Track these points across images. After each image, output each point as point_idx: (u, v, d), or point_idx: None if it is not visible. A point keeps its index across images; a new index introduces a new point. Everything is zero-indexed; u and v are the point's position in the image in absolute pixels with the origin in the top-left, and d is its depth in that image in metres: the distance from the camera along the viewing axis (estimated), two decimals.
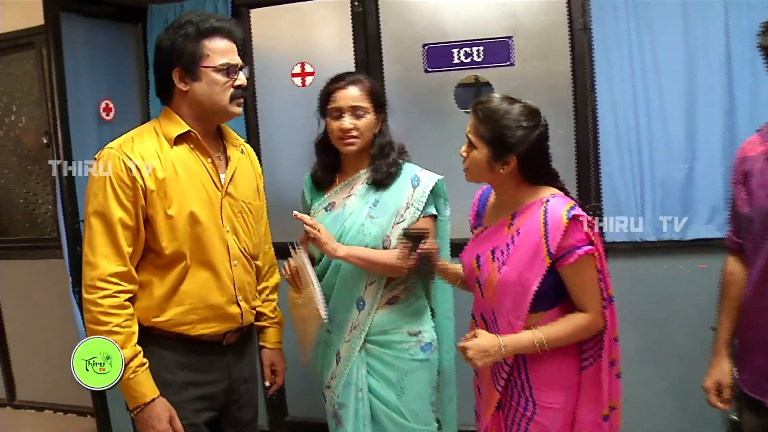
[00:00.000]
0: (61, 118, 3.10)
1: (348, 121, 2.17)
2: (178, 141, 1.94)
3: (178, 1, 3.46)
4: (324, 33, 3.49)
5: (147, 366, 1.86)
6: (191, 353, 1.97)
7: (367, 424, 2.21)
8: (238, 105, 1.98)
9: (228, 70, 1.92)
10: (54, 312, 3.59)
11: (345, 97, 2.18)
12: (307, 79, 3.45)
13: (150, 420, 1.84)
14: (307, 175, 2.37)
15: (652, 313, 3.02)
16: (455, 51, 3.23)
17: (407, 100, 3.34)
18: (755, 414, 1.89)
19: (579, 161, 3.09)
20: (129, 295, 1.87)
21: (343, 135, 2.18)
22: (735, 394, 1.99)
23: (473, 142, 1.86)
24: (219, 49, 1.91)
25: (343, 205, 2.23)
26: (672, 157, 2.94)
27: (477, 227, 2.07)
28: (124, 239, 1.84)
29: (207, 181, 1.96)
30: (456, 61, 3.24)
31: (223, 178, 2.01)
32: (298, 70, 3.47)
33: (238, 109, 1.99)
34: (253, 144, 3.47)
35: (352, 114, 2.18)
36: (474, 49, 3.20)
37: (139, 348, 1.85)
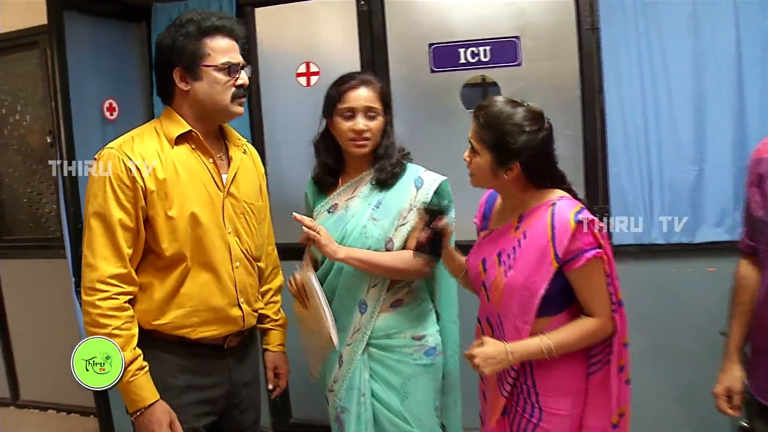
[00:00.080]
0: (64, 117, 3.08)
1: (362, 122, 2.14)
2: (179, 141, 1.92)
3: None
4: (329, 32, 3.47)
5: (147, 369, 1.84)
6: (192, 356, 1.95)
7: (369, 429, 2.18)
8: (240, 104, 1.95)
9: (229, 69, 1.90)
10: (58, 312, 3.57)
11: (358, 97, 2.15)
12: (312, 79, 3.43)
13: (150, 424, 1.82)
14: (310, 176, 2.34)
15: (660, 317, 2.99)
16: (462, 51, 3.20)
17: (413, 100, 3.33)
18: (766, 421, 1.86)
19: (587, 162, 3.06)
20: (129, 297, 1.85)
21: (356, 136, 2.14)
22: (745, 401, 1.95)
23: (476, 148, 1.83)
24: (220, 48, 1.89)
25: (346, 207, 2.20)
26: (681, 159, 2.91)
27: (483, 230, 2.04)
28: (123, 241, 1.82)
29: (208, 182, 1.94)
30: (462, 60, 3.22)
31: (225, 178, 1.98)
32: (303, 69, 3.45)
33: (240, 109, 1.96)
34: (258, 144, 3.47)
35: (365, 115, 2.15)
36: (481, 48, 3.18)
37: (139, 351, 1.83)
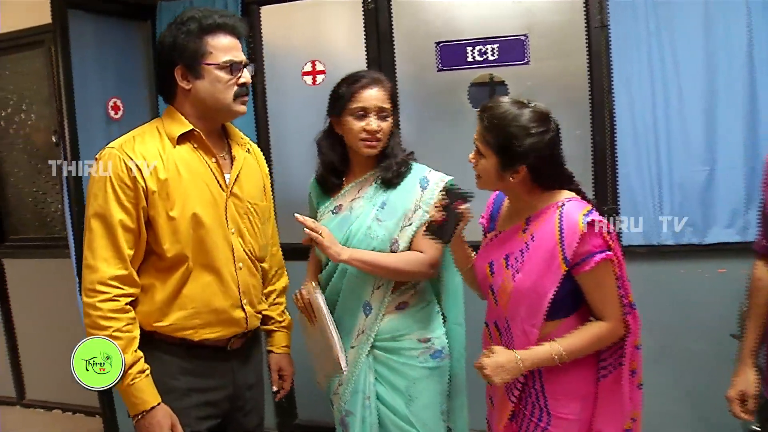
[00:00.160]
0: (68, 116, 3.07)
1: (375, 122, 2.11)
2: (182, 140, 1.89)
3: None
4: (335, 31, 3.46)
5: (148, 372, 1.82)
6: (194, 359, 1.92)
7: None
8: (243, 103, 1.93)
9: (231, 68, 1.87)
10: (63, 311, 3.57)
11: (370, 97, 2.12)
12: (318, 78, 3.43)
13: (151, 427, 1.80)
14: (313, 176, 2.31)
15: (669, 319, 2.95)
16: (469, 49, 3.18)
17: (420, 99, 3.31)
18: None
19: (595, 162, 3.03)
20: (130, 298, 1.83)
21: (369, 137, 2.11)
22: (760, 405, 1.92)
23: (481, 150, 1.80)
24: (222, 46, 1.86)
25: (350, 207, 2.18)
26: (691, 159, 2.87)
27: (490, 231, 2.01)
28: (124, 242, 1.80)
29: (211, 182, 1.91)
30: (470, 59, 3.19)
31: (227, 178, 1.95)
32: (309, 68, 3.44)
33: (243, 108, 1.93)
34: (263, 143, 3.48)
35: (377, 115, 2.12)
36: (488, 47, 3.15)
37: (140, 353, 1.81)
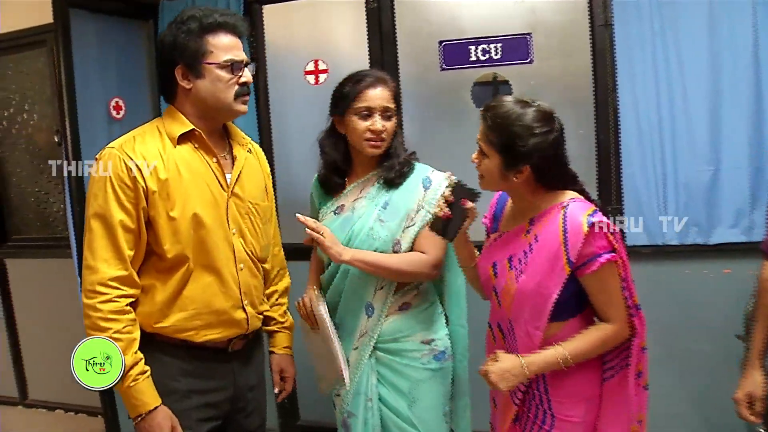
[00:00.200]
0: (69, 116, 3.07)
1: (379, 122, 2.09)
2: (182, 140, 1.88)
3: None
4: (338, 30, 3.45)
5: (148, 374, 1.81)
6: (195, 360, 1.91)
7: None
8: (244, 103, 1.91)
9: (232, 67, 1.85)
10: (66, 311, 3.56)
11: (376, 97, 2.10)
12: (321, 77, 3.42)
13: (151, 429, 1.79)
14: (315, 176, 2.30)
15: (674, 320, 2.93)
16: (472, 48, 3.17)
17: (423, 98, 3.30)
18: None
19: (600, 162, 3.02)
20: (130, 299, 1.82)
21: (374, 137, 2.10)
22: (767, 408, 1.90)
23: (484, 150, 1.78)
24: (223, 45, 1.85)
25: (352, 208, 2.16)
26: (696, 159, 2.85)
27: (493, 231, 1.99)
28: (125, 242, 1.79)
29: (212, 182, 1.90)
30: (473, 58, 3.18)
31: (229, 178, 1.94)
32: (311, 67, 3.43)
33: (244, 107, 1.92)
34: (266, 143, 3.47)
35: (382, 115, 2.11)
36: (492, 46, 3.14)
37: (140, 355, 1.80)
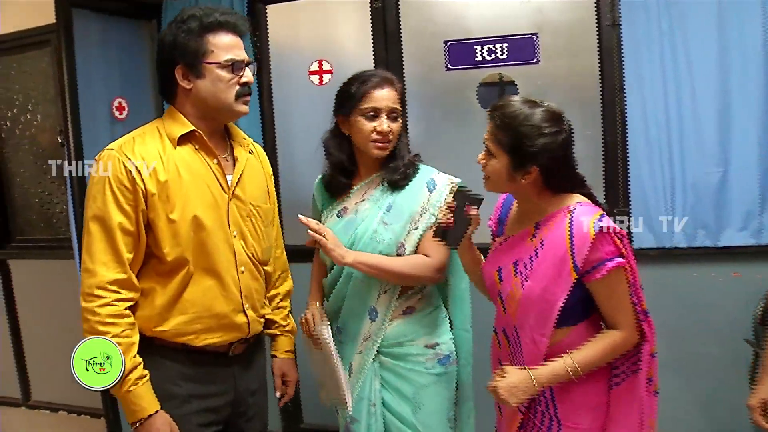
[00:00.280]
0: (72, 116, 3.05)
1: (386, 123, 2.07)
2: (182, 141, 1.86)
3: None
4: (342, 30, 3.43)
5: (147, 378, 1.79)
6: (195, 364, 1.89)
7: None
8: (245, 103, 1.88)
9: (233, 67, 1.83)
10: (69, 312, 3.50)
11: (382, 97, 2.08)
12: (325, 77, 3.40)
13: None
14: (318, 178, 2.28)
15: (682, 323, 2.90)
16: (478, 48, 3.14)
17: (428, 98, 3.28)
18: None
19: (606, 164, 2.99)
20: (129, 303, 1.80)
21: (380, 138, 2.07)
22: None
23: (491, 150, 1.75)
24: (223, 45, 1.82)
25: (356, 210, 2.14)
26: (704, 160, 2.82)
27: (499, 235, 1.96)
28: (123, 245, 1.76)
29: (213, 183, 1.88)
30: (479, 58, 3.15)
31: (230, 179, 1.92)
32: (315, 67, 3.42)
33: (245, 108, 1.89)
34: (269, 143, 3.47)
35: (389, 116, 2.08)
36: (498, 46, 3.12)
37: (139, 359, 1.78)
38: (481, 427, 2.28)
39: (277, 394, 2.20)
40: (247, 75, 1.86)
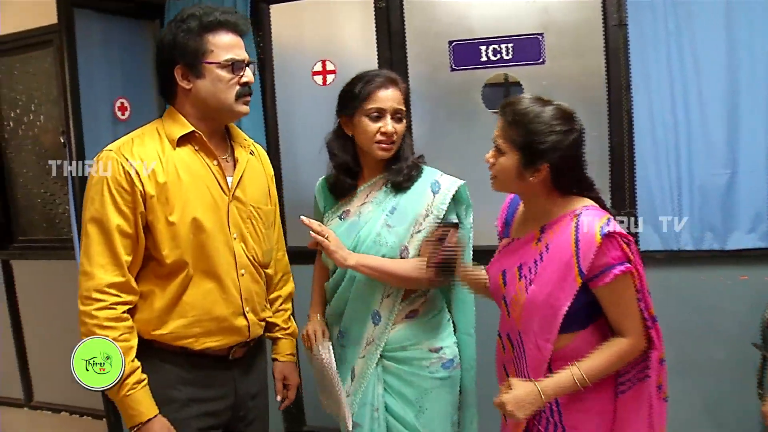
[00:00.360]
0: (74, 116, 3.04)
1: (391, 124, 2.05)
2: (182, 142, 1.84)
3: None
4: (346, 30, 3.42)
5: (146, 383, 1.77)
6: (195, 368, 1.87)
7: None
8: (245, 103, 1.86)
9: (233, 66, 1.81)
10: (71, 313, 3.47)
11: (387, 98, 2.05)
12: (329, 78, 3.39)
13: None
14: (320, 179, 2.25)
15: (688, 327, 2.88)
16: (483, 48, 3.12)
17: (432, 99, 3.27)
18: None
19: (613, 165, 2.96)
20: (127, 306, 1.78)
21: (385, 139, 2.05)
22: None
23: (501, 147, 1.72)
24: (223, 44, 1.80)
25: (359, 213, 2.11)
26: (712, 162, 2.79)
27: (504, 237, 1.93)
28: (122, 247, 1.74)
29: (213, 185, 1.86)
30: (484, 58, 3.13)
31: (230, 181, 1.90)
32: (319, 68, 3.40)
33: (245, 108, 1.87)
34: (272, 144, 3.46)
35: (393, 117, 2.06)
36: (503, 46, 3.09)
37: (137, 363, 1.76)
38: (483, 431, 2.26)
39: (278, 398, 2.18)
40: (248, 75, 1.84)
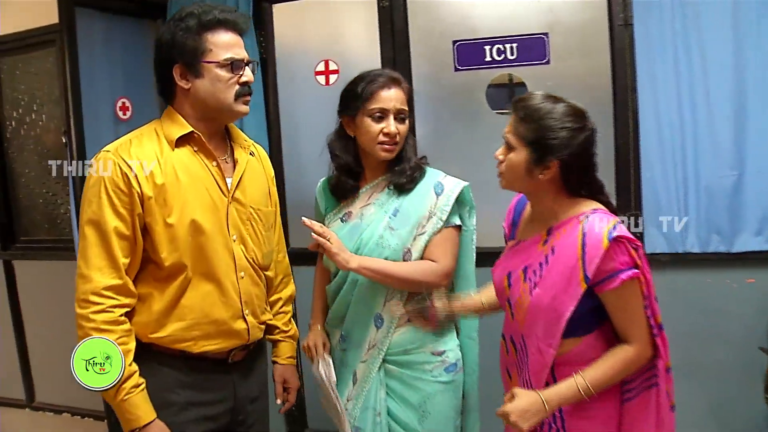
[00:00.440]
0: (75, 116, 3.03)
1: (394, 125, 2.02)
2: (181, 143, 1.81)
3: None
4: (349, 29, 3.40)
5: (143, 387, 1.75)
6: (193, 371, 1.84)
7: None
8: (245, 103, 1.84)
9: (232, 66, 1.78)
10: (74, 314, 3.51)
11: (390, 98, 2.03)
12: (331, 78, 3.37)
13: None
14: (321, 181, 2.23)
15: (694, 330, 2.85)
16: (487, 48, 3.10)
17: (436, 99, 3.24)
18: None
19: (618, 166, 2.93)
20: (125, 309, 1.75)
21: (388, 140, 2.03)
22: None
23: (512, 143, 1.70)
24: (223, 43, 1.78)
25: (361, 215, 2.09)
26: (719, 163, 2.76)
27: (511, 239, 1.91)
28: (119, 250, 1.72)
29: (212, 186, 1.83)
30: (488, 58, 3.11)
31: (229, 182, 1.87)
32: (321, 68, 3.39)
33: (245, 108, 1.84)
34: (275, 145, 3.45)
35: (396, 117, 2.04)
36: (507, 46, 3.07)
37: (135, 367, 1.74)
38: None
39: (278, 401, 2.16)
40: (247, 74, 1.82)
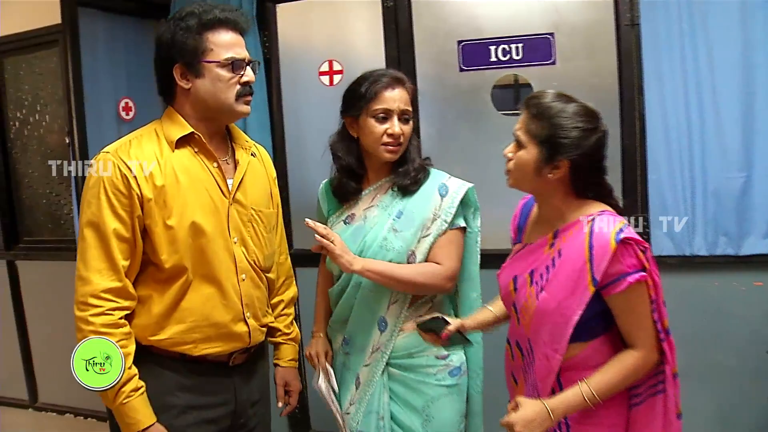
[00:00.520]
0: (77, 116, 3.01)
1: (398, 125, 2.00)
2: (181, 144, 1.80)
3: None
4: (353, 29, 3.38)
5: (143, 390, 1.73)
6: (194, 374, 1.83)
7: None
8: (246, 103, 1.82)
9: (233, 65, 1.76)
10: None
11: (394, 98, 2.00)
12: (336, 78, 3.35)
13: None
14: (323, 182, 2.21)
15: (702, 333, 2.83)
16: (492, 48, 3.08)
17: (441, 100, 3.23)
18: None
19: (624, 167, 2.91)
20: (125, 312, 1.73)
21: (392, 141, 2.00)
22: None
23: (522, 140, 1.67)
24: (223, 43, 1.76)
25: (364, 217, 2.06)
26: (726, 165, 2.73)
27: (517, 242, 1.88)
28: (119, 252, 1.70)
29: (212, 188, 1.81)
30: (493, 59, 3.09)
31: (230, 184, 1.85)
32: (326, 68, 3.37)
33: (246, 108, 1.82)
34: (279, 145, 3.44)
35: (400, 118, 2.01)
36: (513, 46, 3.05)
37: (134, 370, 1.72)
38: None
39: (279, 404, 2.14)
40: (248, 74, 1.80)
